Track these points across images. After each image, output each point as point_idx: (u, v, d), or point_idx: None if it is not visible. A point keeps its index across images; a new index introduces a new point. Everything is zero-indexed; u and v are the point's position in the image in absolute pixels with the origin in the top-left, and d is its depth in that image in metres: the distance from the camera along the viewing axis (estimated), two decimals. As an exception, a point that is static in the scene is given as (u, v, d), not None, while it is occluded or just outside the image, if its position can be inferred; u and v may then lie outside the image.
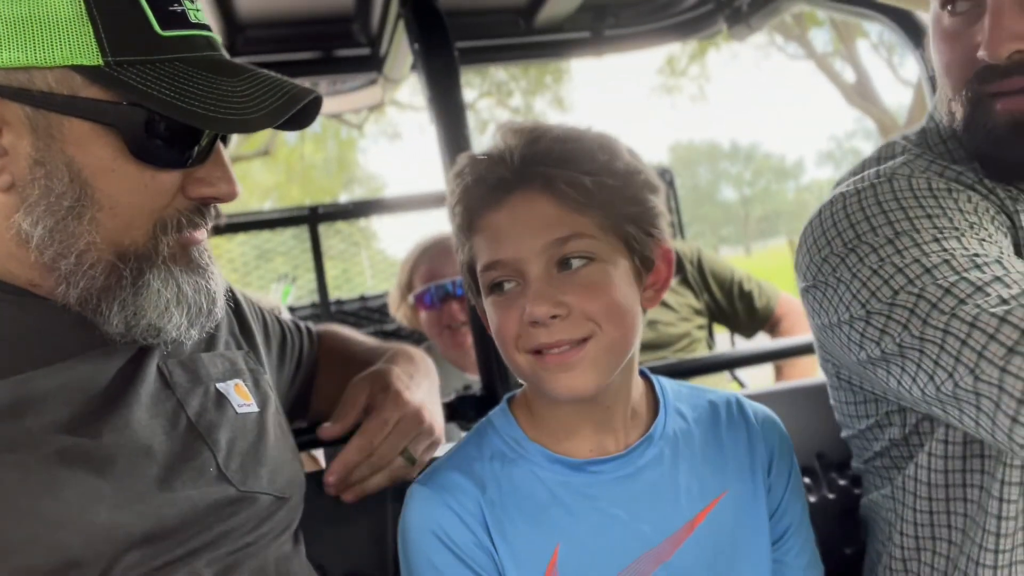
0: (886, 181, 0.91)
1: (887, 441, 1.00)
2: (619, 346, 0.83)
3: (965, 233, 0.84)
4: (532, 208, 0.81)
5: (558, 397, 0.83)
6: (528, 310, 0.79)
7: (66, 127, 0.72)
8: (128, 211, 0.75)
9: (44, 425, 0.71)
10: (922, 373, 0.79)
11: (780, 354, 1.74)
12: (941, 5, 0.90)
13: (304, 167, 21.00)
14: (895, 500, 1.00)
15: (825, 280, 0.91)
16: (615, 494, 0.87)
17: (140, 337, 0.78)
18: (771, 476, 0.94)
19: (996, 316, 0.73)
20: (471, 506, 0.86)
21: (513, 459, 0.89)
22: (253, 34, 1.75)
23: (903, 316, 0.80)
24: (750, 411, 0.97)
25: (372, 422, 1.01)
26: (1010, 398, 0.71)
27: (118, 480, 0.72)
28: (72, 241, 0.74)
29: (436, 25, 1.41)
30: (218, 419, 0.85)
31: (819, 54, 16.80)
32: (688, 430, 0.93)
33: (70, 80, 0.70)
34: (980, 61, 0.85)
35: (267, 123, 0.74)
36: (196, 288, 0.80)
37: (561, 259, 0.81)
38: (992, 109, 0.87)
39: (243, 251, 4.02)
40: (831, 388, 1.07)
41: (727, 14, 1.89)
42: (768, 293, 2.32)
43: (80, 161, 0.72)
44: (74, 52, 0.70)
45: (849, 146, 63.49)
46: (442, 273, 1.89)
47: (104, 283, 0.75)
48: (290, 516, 0.90)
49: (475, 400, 1.29)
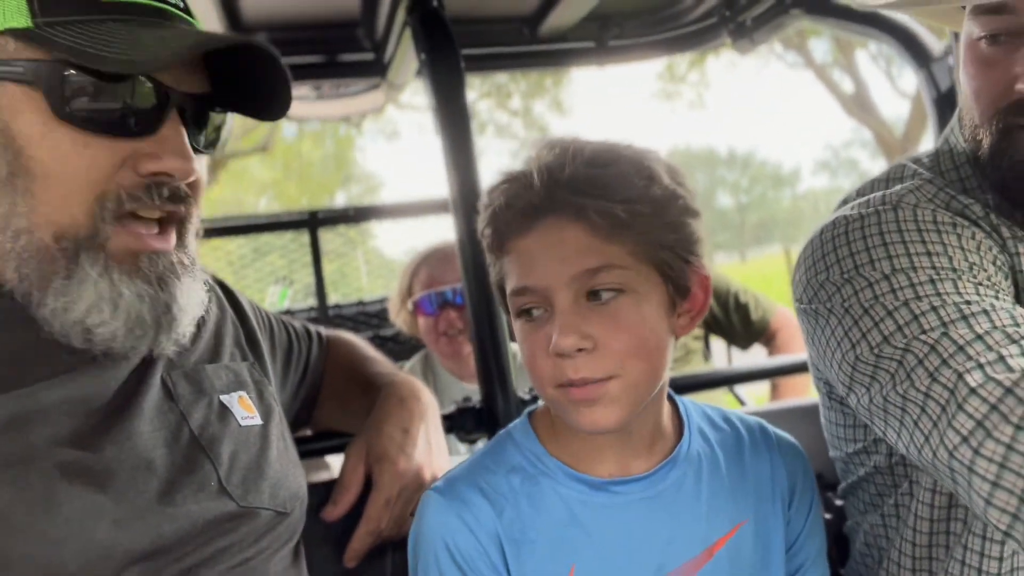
0: (891, 209, 0.91)
1: (872, 467, 0.99)
2: (645, 381, 0.81)
3: (963, 275, 0.83)
4: (562, 236, 0.78)
5: (583, 430, 0.82)
6: (555, 341, 0.77)
7: (1, 93, 0.70)
8: (62, 181, 0.71)
9: (45, 439, 0.70)
10: (904, 431, 0.80)
11: (777, 371, 1.75)
12: (978, 33, 0.89)
13: (302, 164, 20.96)
14: (887, 527, 0.99)
15: (820, 307, 0.91)
16: (635, 515, 0.85)
17: (73, 337, 0.73)
18: (791, 509, 0.93)
19: (968, 386, 0.73)
20: (487, 523, 0.84)
21: (533, 475, 0.86)
22: (257, 37, 1.75)
23: (890, 368, 0.80)
24: (775, 439, 0.95)
25: (374, 506, 1.01)
26: (982, 480, 0.71)
27: (119, 495, 0.72)
28: (9, 214, 0.71)
29: (442, 33, 1.41)
30: (221, 432, 0.84)
31: (818, 64, 16.85)
32: (712, 454, 0.91)
33: (4, 45, 0.70)
34: (1016, 92, 0.85)
35: (160, 63, 0.70)
36: (141, 295, 0.74)
37: (591, 290, 0.78)
38: (1021, 142, 0.86)
39: (238, 246, 3.99)
40: (822, 407, 1.07)
41: (731, 28, 1.90)
42: (764, 306, 2.33)
43: (14, 128, 0.70)
44: (6, 16, 0.69)
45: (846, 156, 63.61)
46: (442, 280, 1.89)
47: (38, 269, 0.72)
48: (291, 530, 0.89)
49: (474, 412, 1.28)
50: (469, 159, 1.36)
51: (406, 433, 1.05)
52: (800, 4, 1.70)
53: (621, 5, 1.87)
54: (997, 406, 0.71)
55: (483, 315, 1.30)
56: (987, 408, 0.71)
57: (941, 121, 1.56)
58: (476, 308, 1.31)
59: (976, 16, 0.89)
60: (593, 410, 0.79)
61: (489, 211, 0.83)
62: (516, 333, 0.85)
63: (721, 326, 2.35)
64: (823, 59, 17.40)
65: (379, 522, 1.01)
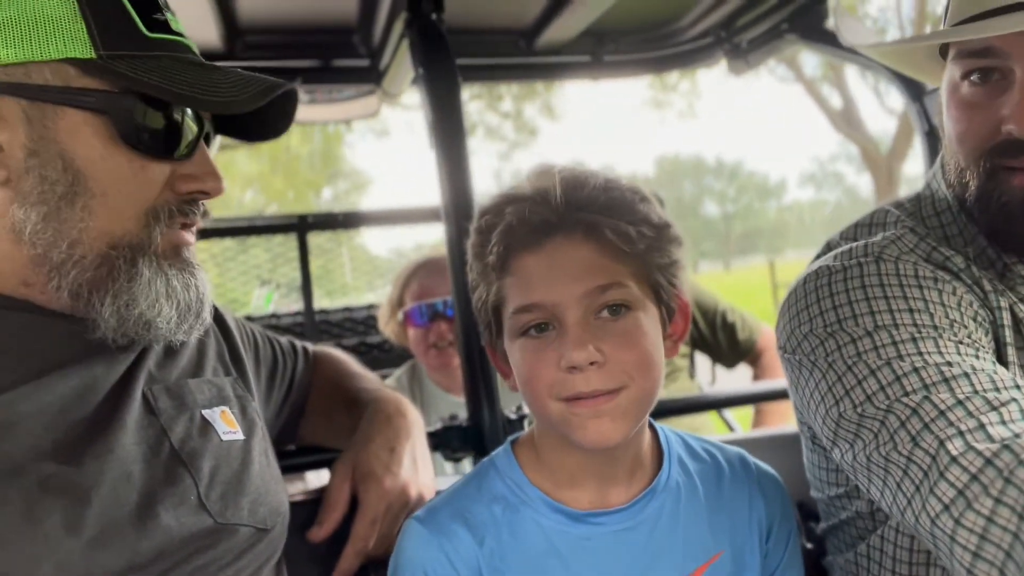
0: (873, 261, 0.91)
1: (854, 512, 1.00)
2: (647, 397, 0.83)
3: (944, 332, 0.84)
4: (574, 254, 0.81)
5: (585, 445, 0.81)
6: (568, 356, 0.79)
7: (60, 117, 0.75)
8: (118, 199, 0.77)
9: (25, 451, 0.70)
10: (888, 492, 0.80)
11: (762, 397, 1.75)
12: (962, 76, 0.89)
13: (289, 158, 20.84)
14: (868, 568, 0.99)
15: (803, 358, 0.91)
16: (613, 546, 0.86)
17: (131, 331, 0.79)
18: (769, 542, 0.94)
19: (949, 455, 0.74)
20: (466, 554, 0.85)
21: (515, 504, 0.87)
22: (253, 39, 1.73)
23: (873, 427, 0.81)
24: (755, 472, 0.96)
25: (361, 525, 1.01)
26: (963, 550, 0.71)
27: (98, 510, 0.71)
28: (64, 228, 0.76)
29: (439, 44, 1.40)
30: (202, 446, 0.83)
31: (808, 78, 17.02)
32: (691, 484, 0.92)
33: (65, 72, 0.74)
34: (1002, 134, 0.85)
35: (252, 104, 0.78)
36: (185, 285, 0.82)
37: (600, 307, 0.81)
38: (1009, 183, 0.87)
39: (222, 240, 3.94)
40: (805, 448, 1.08)
41: (727, 49, 1.91)
42: (751, 326, 2.34)
43: (73, 150, 0.75)
44: (68, 46, 0.74)
45: (832, 169, 64.34)
46: (433, 292, 1.88)
47: (94, 274, 0.77)
48: (271, 548, 0.88)
49: (460, 431, 1.27)
50: (463, 170, 1.35)
51: (392, 452, 1.05)
52: (796, 29, 1.71)
53: (618, 22, 1.87)
54: (977, 476, 0.72)
55: (472, 330, 1.29)
56: (968, 478, 0.72)
57: (932, 154, 1.57)
58: (465, 322, 1.30)
59: (960, 59, 0.89)
60: (601, 422, 0.80)
61: (501, 227, 0.83)
62: (514, 352, 0.85)
63: (707, 344, 2.35)
64: (813, 74, 17.58)
65: (366, 541, 1.00)
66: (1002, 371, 0.82)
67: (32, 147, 0.74)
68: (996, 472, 0.71)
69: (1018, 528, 0.68)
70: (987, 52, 0.86)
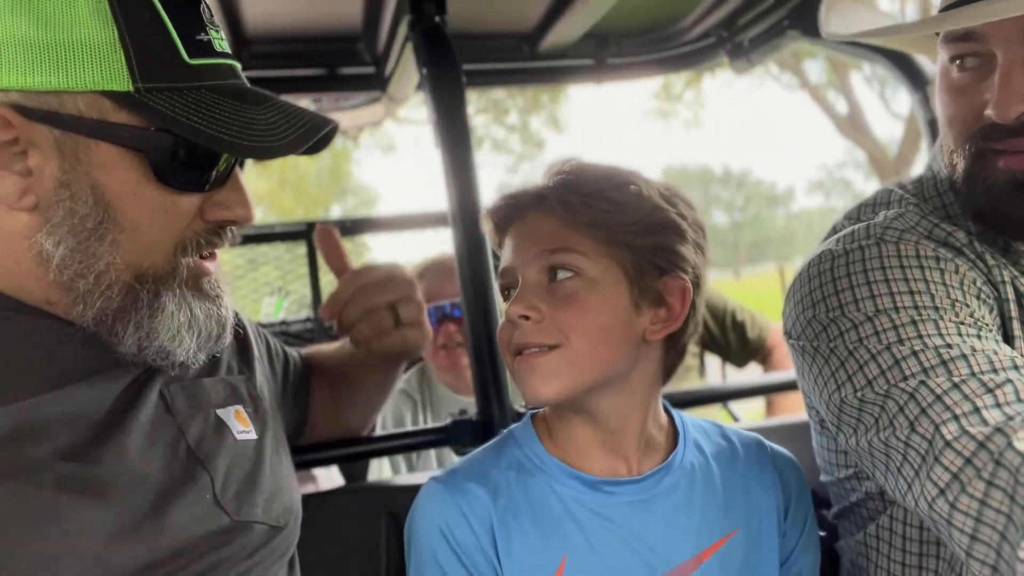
0: (875, 244, 0.92)
1: (863, 493, 1.00)
2: (586, 362, 0.85)
3: (945, 313, 0.85)
4: (538, 224, 0.89)
5: (526, 400, 0.87)
6: (508, 309, 0.86)
7: (92, 150, 0.73)
8: (149, 233, 0.76)
9: (44, 452, 0.71)
10: (890, 476, 0.81)
11: (772, 388, 1.75)
12: (950, 59, 0.91)
13: (298, 176, 21.00)
14: (878, 548, 1.00)
15: (807, 344, 0.92)
16: (627, 517, 0.88)
17: (150, 359, 0.79)
18: (786, 521, 0.95)
19: (943, 439, 0.75)
20: (480, 511, 0.87)
21: (531, 470, 0.91)
22: (259, 49, 1.75)
23: (873, 412, 0.82)
24: (771, 453, 0.98)
25: (364, 269, 1.06)
26: (960, 533, 0.72)
27: (116, 508, 0.72)
28: (92, 262, 0.75)
29: (444, 48, 1.42)
30: (217, 446, 0.84)
31: (813, 85, 17.01)
32: (706, 465, 0.94)
33: (100, 105, 0.71)
34: (986, 117, 0.86)
35: (289, 150, 0.75)
36: (208, 314, 0.82)
37: (548, 268, 0.86)
38: (994, 165, 0.88)
39: (232, 256, 3.98)
40: (814, 432, 1.08)
41: (729, 48, 1.92)
42: (760, 324, 2.34)
43: (104, 184, 0.74)
44: (105, 78, 0.70)
45: (839, 176, 64.07)
46: (441, 294, 1.89)
47: (120, 304, 0.77)
48: (285, 544, 0.89)
49: (470, 424, 1.28)
50: (469, 173, 1.36)
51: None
52: (797, 26, 1.72)
53: (620, 24, 1.89)
54: (971, 460, 0.72)
55: (480, 327, 1.30)
56: (962, 462, 0.73)
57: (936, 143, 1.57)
58: (474, 320, 1.32)
59: (946, 43, 0.90)
60: (533, 376, 0.85)
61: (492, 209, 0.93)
62: None
63: (717, 344, 2.35)
64: (818, 80, 17.59)
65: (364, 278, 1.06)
66: (1003, 350, 0.82)
67: (63, 179, 0.72)
68: (988, 455, 0.71)
69: (1011, 510, 0.68)
70: (969, 36, 0.87)
